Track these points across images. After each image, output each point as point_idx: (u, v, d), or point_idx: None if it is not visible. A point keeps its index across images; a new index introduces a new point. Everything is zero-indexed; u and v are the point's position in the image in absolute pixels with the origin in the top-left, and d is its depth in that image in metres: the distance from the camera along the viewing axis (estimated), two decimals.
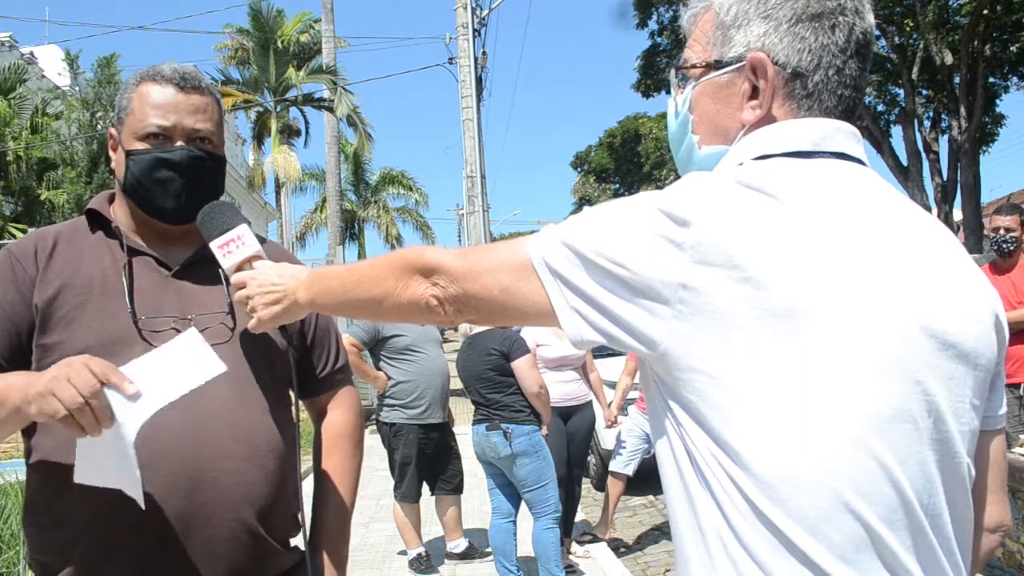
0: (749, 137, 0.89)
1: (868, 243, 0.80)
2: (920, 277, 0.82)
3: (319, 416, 1.58)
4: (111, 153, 1.45)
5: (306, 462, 1.78)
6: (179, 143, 1.37)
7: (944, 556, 0.81)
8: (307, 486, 1.42)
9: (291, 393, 1.45)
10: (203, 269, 1.41)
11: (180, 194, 1.37)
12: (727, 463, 0.78)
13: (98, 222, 1.41)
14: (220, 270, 1.38)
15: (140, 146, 1.37)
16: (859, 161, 0.88)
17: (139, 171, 1.36)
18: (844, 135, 0.88)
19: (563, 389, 4.52)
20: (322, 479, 1.52)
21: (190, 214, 1.36)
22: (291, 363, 1.41)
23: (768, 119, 0.89)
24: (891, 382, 0.77)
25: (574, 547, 4.80)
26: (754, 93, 0.89)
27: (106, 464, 1.14)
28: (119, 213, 1.44)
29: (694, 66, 0.94)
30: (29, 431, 1.33)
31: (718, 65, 0.91)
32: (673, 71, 0.99)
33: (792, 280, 0.75)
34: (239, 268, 1.32)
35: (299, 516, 1.43)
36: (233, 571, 1.30)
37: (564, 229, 0.86)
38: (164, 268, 1.39)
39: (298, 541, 1.43)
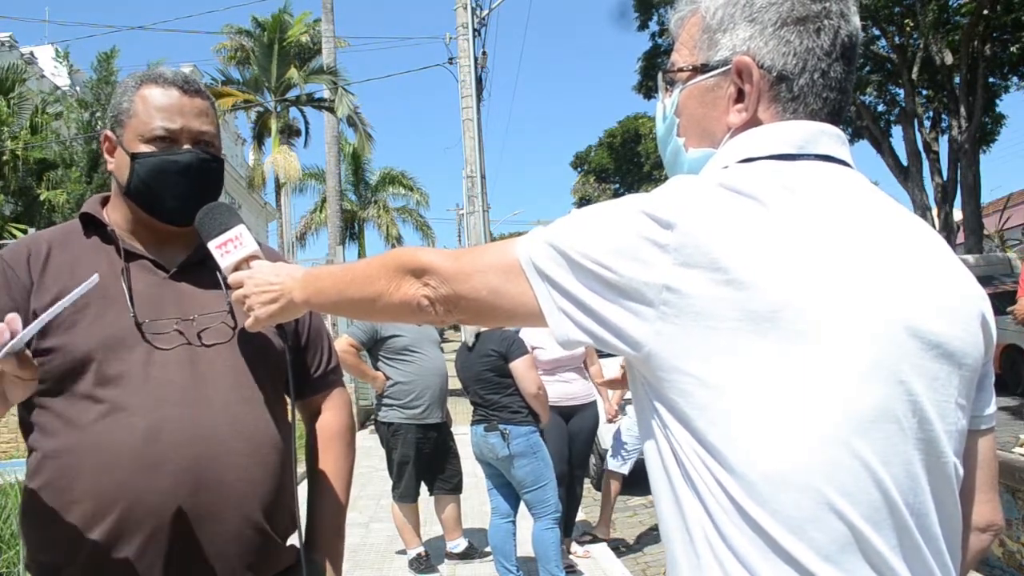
0: (735, 140, 0.90)
1: (851, 244, 0.81)
2: (904, 278, 0.82)
3: (312, 417, 1.59)
4: (107, 156, 1.44)
5: (301, 463, 1.79)
6: (186, 146, 1.38)
7: (931, 555, 0.81)
8: (303, 488, 1.43)
9: (287, 394, 1.46)
10: (200, 270, 1.42)
11: (187, 196, 1.38)
12: (712, 464, 0.78)
13: (93, 226, 1.41)
14: (217, 270, 1.39)
15: (147, 149, 1.37)
16: (844, 163, 0.89)
17: (147, 174, 1.36)
18: (828, 137, 0.88)
19: (563, 389, 4.52)
20: (316, 479, 1.53)
21: (195, 215, 1.37)
22: (287, 364, 1.42)
23: (754, 122, 0.89)
24: (874, 382, 0.78)
25: (574, 547, 4.81)
26: (740, 96, 0.89)
27: None
28: (115, 215, 1.44)
29: (681, 70, 0.95)
30: (28, 431, 1.33)
31: (704, 69, 0.92)
32: (660, 75, 1.00)
33: (775, 282, 0.76)
34: (236, 268, 1.33)
35: (296, 515, 1.44)
36: (239, 568, 1.31)
37: (551, 231, 0.87)
38: (161, 270, 1.40)
39: (295, 540, 1.44)
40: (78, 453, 1.25)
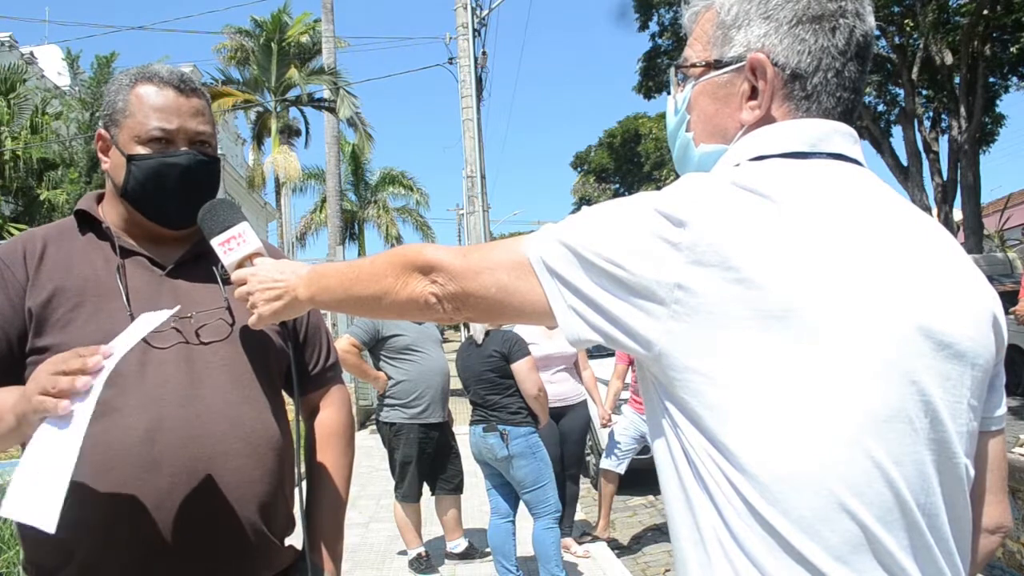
0: (747, 137, 0.89)
1: (864, 244, 0.80)
2: (917, 278, 0.82)
3: (311, 414, 1.58)
4: (101, 155, 1.42)
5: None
6: (183, 147, 1.36)
7: (942, 556, 0.81)
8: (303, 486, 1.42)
9: (287, 391, 1.45)
10: (196, 267, 1.41)
11: (184, 199, 1.36)
12: (723, 463, 0.78)
13: (88, 223, 1.40)
14: (215, 267, 1.37)
15: (143, 150, 1.35)
16: (856, 162, 0.88)
17: (144, 177, 1.35)
18: (841, 136, 0.88)
19: (552, 389, 4.49)
20: (315, 477, 1.52)
21: (192, 218, 1.36)
22: (290, 361, 1.41)
23: (767, 119, 0.89)
24: (887, 382, 0.77)
25: (574, 547, 4.80)
26: (753, 93, 0.89)
27: (41, 473, 1.07)
28: (110, 213, 1.42)
29: (694, 65, 0.94)
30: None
31: (718, 65, 0.91)
32: (673, 69, 0.99)
33: (787, 281, 0.75)
34: (240, 265, 1.32)
35: (295, 515, 1.43)
36: (236, 569, 1.30)
37: (562, 228, 0.86)
38: (157, 268, 1.38)
39: (294, 540, 1.43)
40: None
